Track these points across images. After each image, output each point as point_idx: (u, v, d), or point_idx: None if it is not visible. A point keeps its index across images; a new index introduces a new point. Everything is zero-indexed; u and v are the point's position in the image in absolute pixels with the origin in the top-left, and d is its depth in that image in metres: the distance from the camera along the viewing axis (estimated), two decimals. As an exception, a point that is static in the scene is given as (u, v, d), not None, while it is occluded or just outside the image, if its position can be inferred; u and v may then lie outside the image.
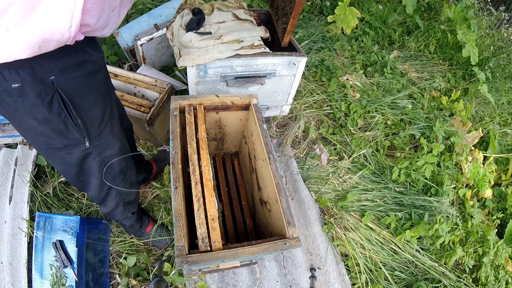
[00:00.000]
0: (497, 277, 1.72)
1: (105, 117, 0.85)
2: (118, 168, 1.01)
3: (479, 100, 2.76)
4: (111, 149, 0.93)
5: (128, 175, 1.10)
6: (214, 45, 1.39)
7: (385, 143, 2.06)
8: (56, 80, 0.66)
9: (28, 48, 0.57)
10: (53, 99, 0.68)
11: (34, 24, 0.54)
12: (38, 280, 1.17)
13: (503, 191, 2.13)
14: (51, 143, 0.78)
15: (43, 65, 0.63)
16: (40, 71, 0.63)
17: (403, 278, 1.60)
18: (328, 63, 2.44)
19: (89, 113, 0.78)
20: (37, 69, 0.63)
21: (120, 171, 1.03)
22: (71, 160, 0.86)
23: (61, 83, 0.67)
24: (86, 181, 0.98)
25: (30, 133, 0.76)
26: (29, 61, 0.60)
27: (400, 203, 1.79)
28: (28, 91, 0.64)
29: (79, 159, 0.87)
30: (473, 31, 2.68)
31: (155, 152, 1.77)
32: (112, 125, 0.91)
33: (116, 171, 1.01)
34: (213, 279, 1.35)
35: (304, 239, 1.59)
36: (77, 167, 0.90)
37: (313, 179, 1.82)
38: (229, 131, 1.50)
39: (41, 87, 0.65)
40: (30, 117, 0.69)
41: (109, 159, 0.95)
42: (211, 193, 1.00)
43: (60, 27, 0.58)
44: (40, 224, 1.20)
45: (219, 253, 0.86)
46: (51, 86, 0.66)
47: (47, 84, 0.65)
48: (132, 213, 1.28)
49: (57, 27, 0.57)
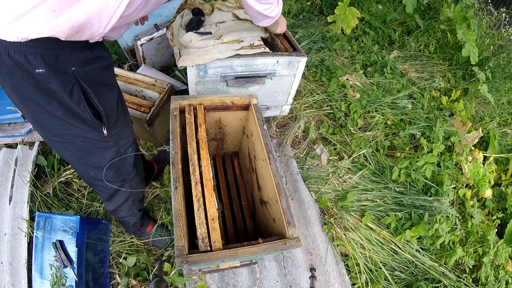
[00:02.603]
0: (497, 277, 1.72)
1: (119, 107, 0.90)
2: (131, 161, 1.04)
3: (479, 100, 2.76)
4: (126, 138, 0.97)
5: (140, 170, 1.13)
6: (214, 45, 1.39)
7: (385, 143, 2.06)
8: (77, 71, 0.71)
9: (70, 29, 0.63)
10: (73, 89, 0.73)
11: (83, 11, 0.62)
12: (38, 280, 1.17)
13: (503, 191, 2.13)
14: (69, 128, 0.81)
15: (66, 56, 0.68)
16: (64, 61, 0.68)
17: (403, 278, 1.60)
18: (328, 63, 2.44)
19: (106, 102, 0.83)
20: (61, 59, 0.68)
21: (134, 165, 1.06)
22: (87, 147, 0.89)
23: (81, 74, 0.72)
24: (99, 172, 0.98)
25: (47, 119, 0.79)
26: (55, 50, 0.66)
27: (400, 203, 1.79)
28: (52, 78, 0.68)
29: (95, 147, 0.89)
30: (473, 30, 2.68)
31: (155, 152, 1.77)
32: (125, 115, 0.97)
33: (130, 163, 1.04)
34: (213, 279, 1.36)
35: (304, 239, 1.59)
36: (92, 155, 0.92)
37: (313, 179, 1.82)
38: (229, 131, 1.50)
39: (64, 76, 0.70)
40: (51, 102, 0.73)
41: (124, 150, 0.98)
42: (211, 193, 1.00)
43: (101, 22, 0.66)
44: (40, 224, 1.20)
45: (219, 253, 0.86)
46: (72, 76, 0.71)
47: (69, 74, 0.70)
48: (139, 210, 1.29)
49: (99, 21, 0.66)
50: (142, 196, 1.24)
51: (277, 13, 1.22)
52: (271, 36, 1.67)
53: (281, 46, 1.58)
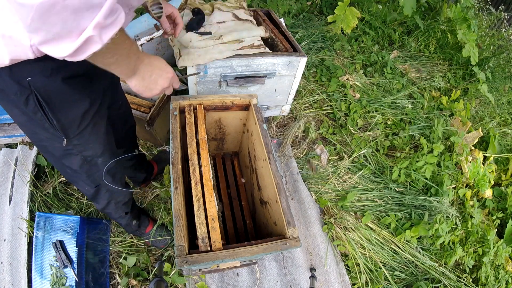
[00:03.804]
0: (497, 277, 1.72)
1: (86, 117, 0.84)
2: (104, 169, 0.99)
3: (479, 100, 2.76)
4: (92, 150, 0.92)
5: (118, 178, 1.08)
6: (214, 45, 1.39)
7: (385, 143, 2.06)
8: (33, 82, 0.68)
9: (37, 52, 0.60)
10: (28, 99, 0.70)
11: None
12: (38, 280, 1.17)
13: (503, 191, 2.13)
14: (35, 134, 0.82)
15: (21, 67, 0.65)
16: (17, 72, 0.65)
17: (403, 278, 1.60)
18: (328, 63, 2.44)
19: (67, 113, 0.79)
20: (15, 70, 0.65)
21: (108, 172, 1.01)
22: (55, 153, 0.88)
23: (37, 84, 0.69)
24: (73, 175, 0.98)
25: (18, 124, 0.81)
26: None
27: (400, 203, 1.79)
28: (7, 90, 0.68)
29: (60, 154, 0.88)
30: (473, 31, 2.68)
31: (155, 152, 1.77)
32: (96, 126, 0.89)
33: (102, 171, 0.99)
34: (213, 279, 1.35)
35: (304, 239, 1.59)
36: (61, 160, 0.91)
37: (313, 179, 1.82)
38: (229, 131, 1.50)
39: (17, 87, 0.67)
40: (13, 109, 0.74)
41: (92, 159, 0.94)
42: (211, 193, 1.00)
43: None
44: (40, 224, 1.20)
45: (219, 253, 0.86)
46: (27, 87, 0.68)
47: (24, 85, 0.68)
48: (126, 213, 1.26)
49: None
50: (126, 200, 1.20)
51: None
52: (271, 36, 1.67)
53: (281, 46, 1.58)
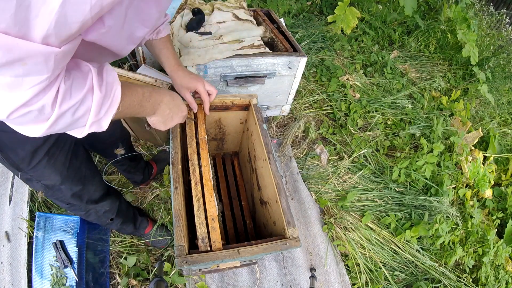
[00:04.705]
0: (497, 277, 1.72)
1: (39, 153, 0.83)
2: (69, 193, 0.97)
3: (479, 100, 2.76)
4: (50, 180, 0.90)
5: (87, 199, 1.05)
6: (214, 45, 1.39)
7: (385, 143, 2.06)
8: None
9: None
10: None
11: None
12: (38, 280, 1.17)
13: (503, 191, 2.13)
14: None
15: None
16: None
17: (403, 278, 1.60)
18: (328, 63, 2.44)
19: (16, 151, 0.79)
20: None
21: (73, 195, 0.98)
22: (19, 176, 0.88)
23: None
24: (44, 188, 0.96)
25: None
26: None
27: (400, 203, 1.79)
28: None
29: (23, 179, 0.87)
30: (473, 31, 2.68)
31: (155, 152, 1.77)
32: (53, 158, 0.87)
33: (67, 196, 0.97)
34: (213, 279, 1.36)
35: (304, 239, 1.59)
36: (25, 182, 0.90)
37: (313, 179, 1.82)
38: (229, 131, 1.50)
39: None
40: None
41: (54, 186, 0.92)
42: (211, 193, 1.00)
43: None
44: (40, 224, 1.20)
45: (219, 253, 0.86)
46: None
47: None
48: (111, 219, 1.21)
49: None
50: (107, 208, 1.16)
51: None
52: (271, 36, 1.67)
53: (281, 46, 1.58)
